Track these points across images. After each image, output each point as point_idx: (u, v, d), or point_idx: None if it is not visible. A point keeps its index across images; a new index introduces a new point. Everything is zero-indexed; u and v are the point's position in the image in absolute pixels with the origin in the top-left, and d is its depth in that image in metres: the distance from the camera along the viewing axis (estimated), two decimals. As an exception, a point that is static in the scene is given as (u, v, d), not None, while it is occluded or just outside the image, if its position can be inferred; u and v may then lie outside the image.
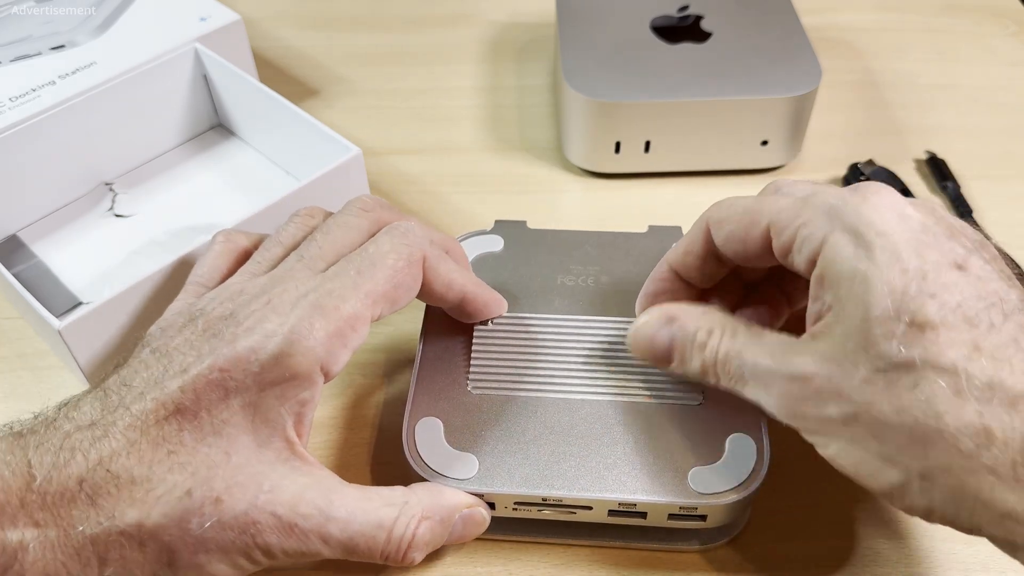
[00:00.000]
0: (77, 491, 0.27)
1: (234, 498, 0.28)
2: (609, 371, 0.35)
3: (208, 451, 0.28)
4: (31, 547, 0.26)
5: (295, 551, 0.28)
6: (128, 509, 0.27)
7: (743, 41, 0.51)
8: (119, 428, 0.28)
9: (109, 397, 0.29)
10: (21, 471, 0.27)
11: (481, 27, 0.63)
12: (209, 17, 0.51)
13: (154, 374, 0.29)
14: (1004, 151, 0.53)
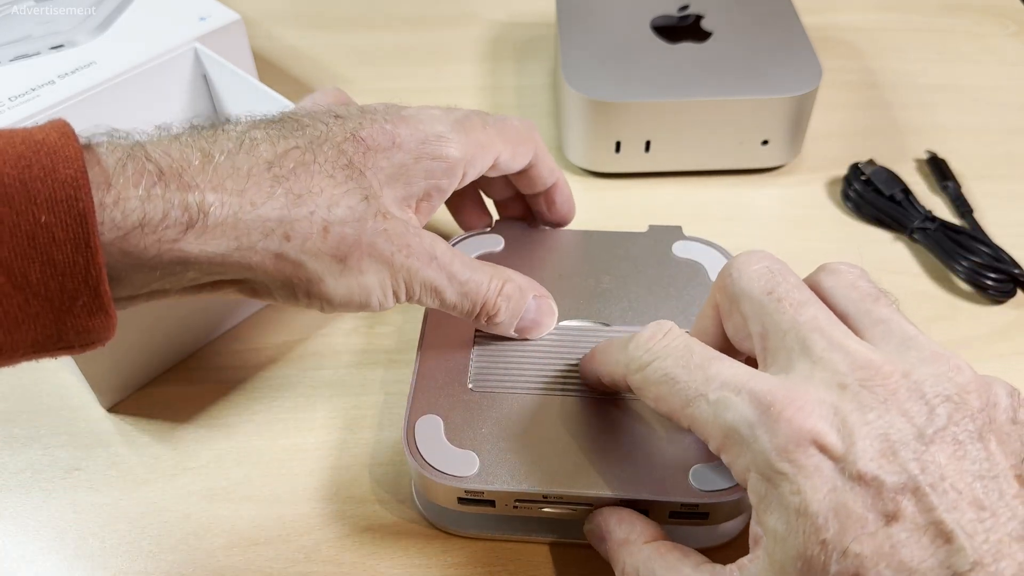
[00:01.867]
0: (264, 171, 0.28)
1: (394, 221, 0.31)
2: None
3: (371, 178, 0.31)
4: (213, 210, 0.27)
5: (429, 284, 0.32)
6: (320, 195, 0.29)
7: (743, 41, 0.51)
8: (304, 134, 0.30)
9: (280, 119, 0.31)
10: (198, 148, 0.28)
11: (481, 27, 0.63)
12: (209, 17, 0.51)
13: (326, 117, 0.31)
14: (1005, 151, 0.53)
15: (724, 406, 0.26)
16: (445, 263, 0.32)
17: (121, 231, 0.25)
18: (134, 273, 0.27)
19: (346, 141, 0.31)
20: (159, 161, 0.27)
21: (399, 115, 0.32)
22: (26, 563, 0.35)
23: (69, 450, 0.38)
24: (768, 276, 0.28)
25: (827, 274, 0.29)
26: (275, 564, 0.35)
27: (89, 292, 0.25)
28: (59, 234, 0.24)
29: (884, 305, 0.28)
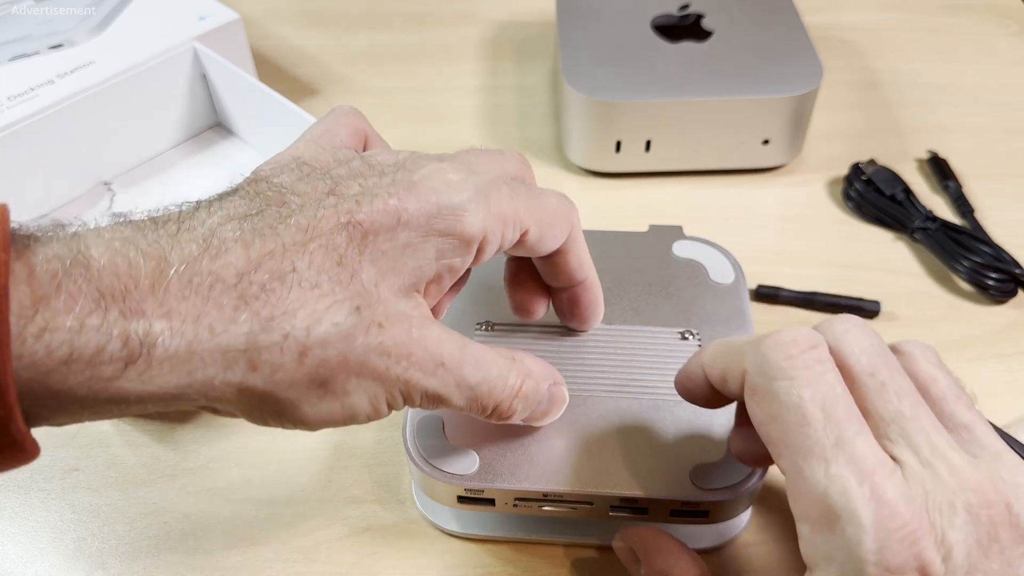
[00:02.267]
0: (231, 287, 0.24)
1: (393, 327, 0.26)
2: (610, 367, 0.35)
3: (367, 275, 0.26)
4: (160, 341, 0.23)
5: (433, 393, 0.27)
6: (297, 313, 0.24)
7: (744, 40, 0.50)
8: (287, 227, 0.25)
9: (262, 195, 0.26)
10: (153, 255, 0.23)
11: (481, 26, 0.63)
12: (208, 16, 0.51)
13: (319, 188, 0.27)
14: (1006, 150, 0.53)
15: (840, 488, 0.23)
16: (453, 367, 0.27)
17: (42, 369, 0.21)
18: (59, 411, 0.23)
19: (337, 230, 0.26)
20: (101, 278, 0.22)
21: (409, 181, 0.27)
22: (25, 564, 0.35)
23: (68, 450, 0.38)
24: (872, 355, 0.26)
25: (904, 357, 0.27)
26: (274, 565, 0.35)
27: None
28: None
29: (966, 405, 0.27)
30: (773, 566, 0.34)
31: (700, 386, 0.29)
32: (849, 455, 0.24)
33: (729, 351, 0.28)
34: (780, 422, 0.25)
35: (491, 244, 0.29)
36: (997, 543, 0.23)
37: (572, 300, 0.34)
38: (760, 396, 0.26)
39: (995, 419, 0.38)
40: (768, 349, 0.25)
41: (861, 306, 0.43)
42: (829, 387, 0.25)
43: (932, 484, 0.24)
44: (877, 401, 0.25)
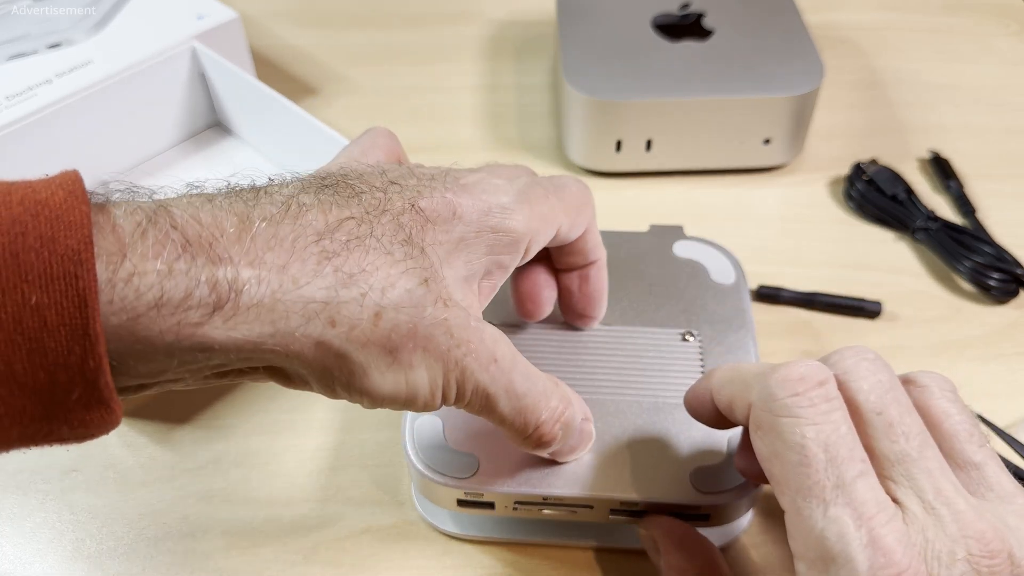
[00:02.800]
0: (312, 243, 0.24)
1: (455, 309, 0.26)
2: (609, 370, 0.35)
3: (432, 256, 0.27)
4: (247, 288, 0.23)
5: (484, 390, 0.27)
6: (374, 274, 0.25)
7: (745, 39, 0.50)
8: (359, 202, 0.26)
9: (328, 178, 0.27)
10: (235, 212, 0.24)
11: (481, 25, 0.63)
12: (207, 15, 0.50)
13: (379, 179, 0.28)
14: (1007, 150, 0.52)
15: (838, 531, 0.23)
16: (505, 369, 0.27)
17: (132, 313, 0.22)
18: (144, 361, 0.23)
19: (405, 212, 0.27)
20: (186, 228, 0.23)
21: (459, 183, 0.29)
22: (23, 565, 0.35)
23: (66, 451, 0.38)
24: (880, 391, 0.26)
25: (918, 390, 0.27)
26: (273, 566, 0.35)
27: (86, 386, 0.21)
28: (52, 318, 0.20)
29: (978, 443, 0.26)
30: (775, 567, 0.34)
31: (708, 410, 0.29)
32: (849, 498, 0.24)
33: (737, 381, 0.28)
34: (782, 460, 0.25)
35: (536, 243, 0.30)
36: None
37: (583, 280, 0.35)
38: (764, 431, 0.25)
39: (996, 420, 0.38)
40: (775, 385, 0.25)
41: (862, 306, 0.43)
42: (834, 427, 0.24)
43: (933, 531, 0.24)
44: (883, 441, 0.25)
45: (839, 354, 0.27)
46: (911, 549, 0.23)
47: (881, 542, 0.23)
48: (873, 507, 0.24)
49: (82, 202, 0.21)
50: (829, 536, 0.23)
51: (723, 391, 0.28)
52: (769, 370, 0.26)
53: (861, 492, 0.24)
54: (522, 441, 0.29)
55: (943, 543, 0.23)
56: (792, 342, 0.42)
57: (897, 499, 0.24)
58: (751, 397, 0.26)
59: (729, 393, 0.28)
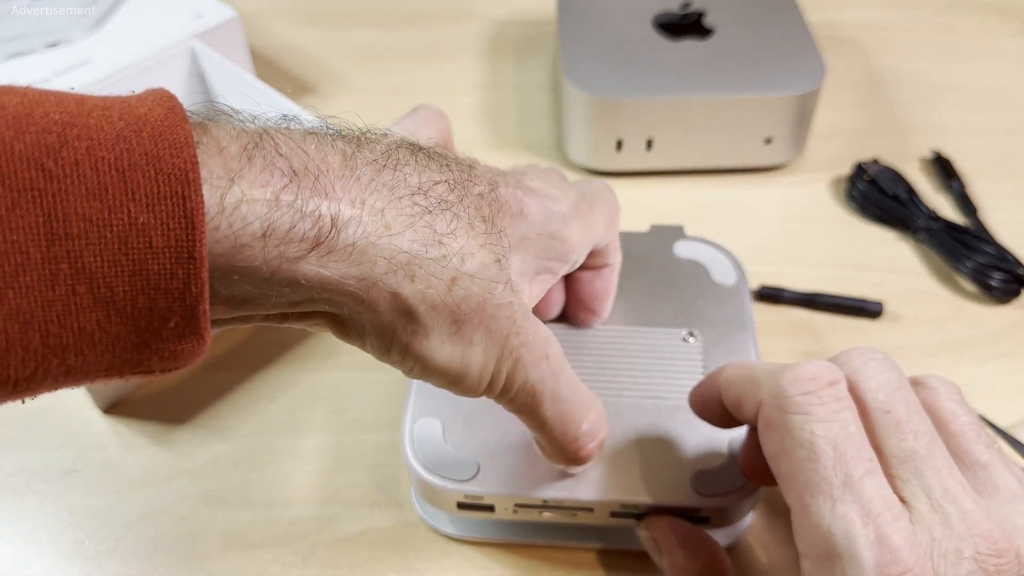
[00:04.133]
0: (408, 195, 0.24)
1: (520, 297, 0.26)
2: (611, 369, 0.35)
3: (498, 244, 0.26)
4: (347, 226, 0.22)
5: (530, 386, 0.27)
6: (457, 240, 0.24)
7: (746, 38, 0.50)
8: (450, 171, 0.26)
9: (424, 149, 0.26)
10: (339, 150, 0.24)
11: (480, 24, 0.62)
12: (206, 14, 0.50)
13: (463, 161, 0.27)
14: (1009, 150, 0.52)
15: (844, 528, 0.23)
16: (555, 368, 0.27)
17: (237, 242, 0.21)
18: (235, 289, 0.22)
19: (485, 196, 0.27)
20: (291, 157, 0.22)
21: (525, 184, 0.29)
22: (21, 566, 0.35)
23: (64, 452, 0.38)
24: (889, 390, 0.26)
25: (926, 391, 0.27)
26: (272, 567, 0.34)
27: (184, 313, 0.20)
28: (158, 240, 0.19)
29: (985, 444, 0.26)
30: (779, 566, 0.34)
31: (714, 407, 0.29)
32: (856, 495, 0.24)
33: (747, 378, 0.28)
34: (791, 457, 0.25)
35: (582, 254, 0.30)
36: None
37: (597, 279, 0.35)
38: (774, 428, 0.25)
39: (998, 420, 0.38)
40: (787, 382, 0.25)
41: (864, 306, 0.43)
42: (843, 426, 0.25)
43: (940, 530, 0.23)
44: (891, 439, 0.25)
45: (848, 354, 0.27)
46: (917, 547, 0.23)
47: (888, 540, 0.23)
48: (880, 505, 0.24)
49: (183, 120, 0.20)
50: (835, 533, 0.23)
51: (731, 388, 0.28)
52: (781, 368, 0.26)
53: (869, 490, 0.24)
54: (557, 451, 0.29)
55: (950, 542, 0.23)
56: (793, 342, 0.42)
57: (905, 498, 0.24)
58: (761, 394, 0.26)
59: (738, 391, 0.28)
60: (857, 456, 0.24)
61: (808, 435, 0.24)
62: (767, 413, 0.26)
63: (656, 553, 0.31)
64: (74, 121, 0.19)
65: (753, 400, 0.27)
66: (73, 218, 0.19)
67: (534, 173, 0.31)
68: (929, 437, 0.25)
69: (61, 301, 0.19)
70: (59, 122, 0.19)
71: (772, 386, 0.26)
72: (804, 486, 0.24)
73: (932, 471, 0.24)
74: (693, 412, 0.31)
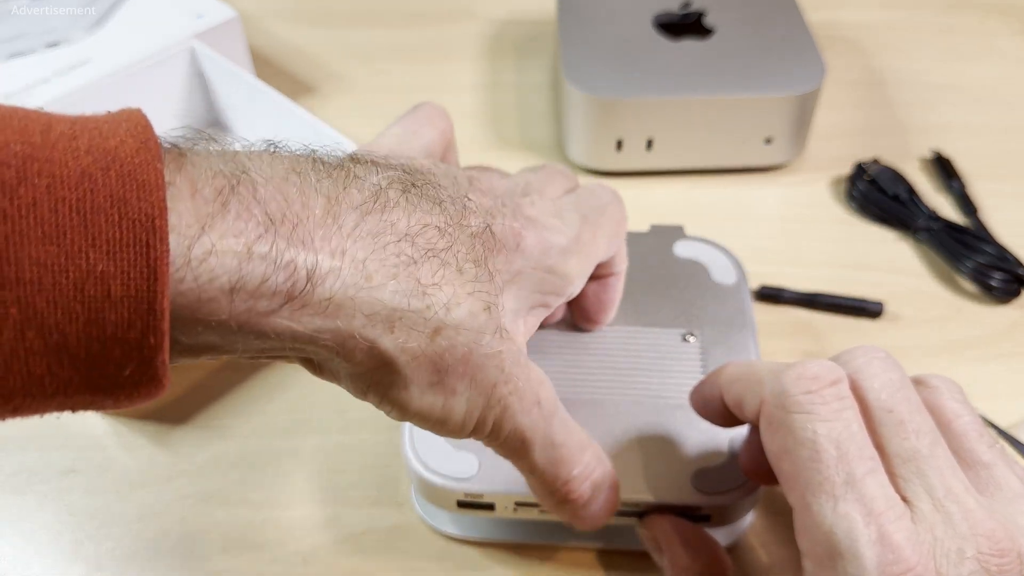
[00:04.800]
0: (394, 243, 0.23)
1: (509, 344, 0.25)
2: (610, 371, 0.35)
3: (496, 284, 0.26)
4: (325, 279, 0.21)
5: (519, 433, 0.26)
6: (443, 289, 0.23)
7: (747, 38, 0.50)
8: (442, 210, 0.25)
9: (411, 171, 0.25)
10: (323, 191, 0.22)
11: (480, 24, 0.62)
12: (206, 14, 0.50)
13: (458, 186, 0.27)
14: (1010, 150, 0.52)
15: (847, 527, 0.23)
16: (547, 414, 0.27)
17: (202, 296, 0.20)
18: (198, 340, 0.21)
19: (479, 234, 0.25)
20: (269, 203, 0.21)
21: (524, 214, 0.28)
22: (21, 566, 0.35)
23: (64, 452, 0.38)
24: (891, 389, 0.26)
25: (928, 391, 0.27)
26: (272, 568, 0.34)
27: (141, 363, 0.19)
28: (116, 289, 0.18)
29: (987, 444, 0.26)
30: (780, 566, 0.34)
31: (716, 406, 0.29)
32: (859, 494, 0.24)
33: (748, 377, 0.28)
34: (793, 456, 0.25)
35: (579, 287, 0.29)
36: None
37: (602, 289, 0.34)
38: (776, 428, 0.25)
39: (998, 420, 0.38)
40: (789, 382, 0.25)
41: (864, 306, 0.43)
42: (845, 425, 0.25)
43: (943, 529, 0.23)
44: (894, 439, 0.25)
45: (850, 353, 0.27)
46: (920, 547, 0.23)
47: (890, 539, 0.23)
48: (883, 504, 0.24)
49: (155, 157, 0.19)
50: (838, 532, 0.23)
51: (733, 387, 0.28)
52: (783, 368, 0.26)
53: (871, 489, 0.24)
54: (547, 495, 0.28)
55: (952, 541, 0.23)
56: (793, 342, 0.42)
57: (907, 497, 0.24)
58: (763, 394, 0.26)
59: (739, 390, 0.28)
60: (859, 455, 0.24)
61: (810, 434, 0.24)
62: (769, 412, 0.26)
63: (657, 552, 0.31)
64: (36, 154, 0.18)
65: (755, 399, 0.27)
66: (26, 262, 0.18)
67: (537, 191, 0.30)
68: (931, 436, 0.25)
69: (8, 346, 0.18)
70: (19, 155, 0.18)
71: (774, 385, 0.26)
72: (806, 485, 0.24)
73: (934, 470, 0.24)
74: (694, 411, 0.31)
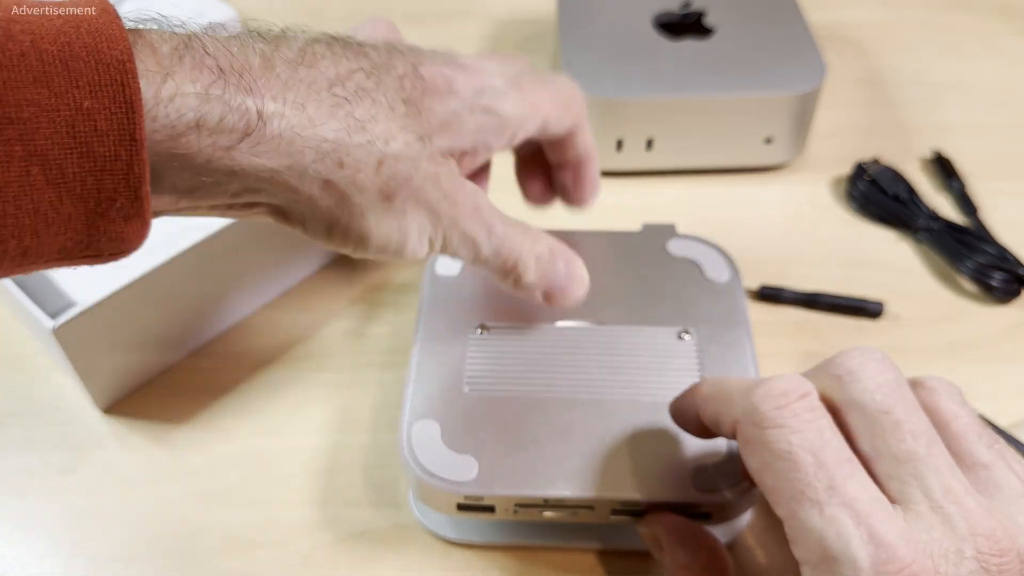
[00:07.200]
0: (325, 88, 0.26)
1: (443, 167, 0.29)
2: (608, 369, 0.35)
3: (427, 119, 0.29)
4: (272, 119, 0.25)
5: (470, 236, 0.30)
6: (379, 125, 0.27)
7: (747, 37, 0.50)
8: (367, 58, 0.28)
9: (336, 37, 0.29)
10: (258, 51, 0.26)
11: (480, 23, 0.62)
12: (206, 13, 0.50)
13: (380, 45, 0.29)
14: (1011, 150, 0.52)
15: (837, 531, 0.23)
16: (486, 216, 0.31)
17: (173, 130, 0.23)
18: (177, 178, 0.24)
19: (406, 76, 0.29)
20: (218, 57, 0.24)
21: (456, 62, 0.31)
22: (20, 566, 0.35)
23: (64, 452, 0.38)
24: (887, 391, 0.26)
25: (926, 392, 0.27)
26: (271, 568, 0.34)
27: (129, 193, 0.22)
28: (102, 123, 0.21)
29: (986, 444, 0.26)
30: (775, 566, 0.34)
31: (694, 423, 0.30)
32: (843, 497, 0.24)
33: (721, 396, 0.28)
34: (772, 469, 0.25)
35: (522, 130, 0.32)
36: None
37: (576, 175, 0.37)
38: (752, 445, 0.26)
39: (999, 420, 0.38)
40: (758, 399, 0.26)
41: (864, 306, 0.43)
42: (818, 433, 0.25)
43: (941, 530, 0.23)
44: (890, 440, 0.25)
45: (846, 354, 0.27)
46: (914, 545, 0.23)
47: (882, 538, 0.23)
48: (869, 505, 0.24)
49: (116, 18, 0.22)
50: (828, 536, 0.23)
51: (708, 407, 0.29)
52: (752, 386, 0.26)
53: (854, 491, 0.24)
54: (502, 280, 0.33)
55: (951, 541, 0.23)
56: (794, 342, 0.42)
57: (904, 498, 0.24)
58: (736, 414, 0.27)
59: (714, 409, 0.28)
60: (837, 460, 0.24)
61: (785, 446, 0.25)
62: (744, 431, 0.26)
63: (657, 550, 0.31)
64: (15, 18, 0.21)
65: (729, 419, 0.27)
66: (23, 104, 0.20)
67: (481, 53, 0.33)
68: (928, 437, 0.25)
69: (16, 183, 0.21)
70: (2, 19, 0.21)
71: (745, 404, 0.26)
72: (791, 496, 0.24)
73: (932, 471, 0.24)
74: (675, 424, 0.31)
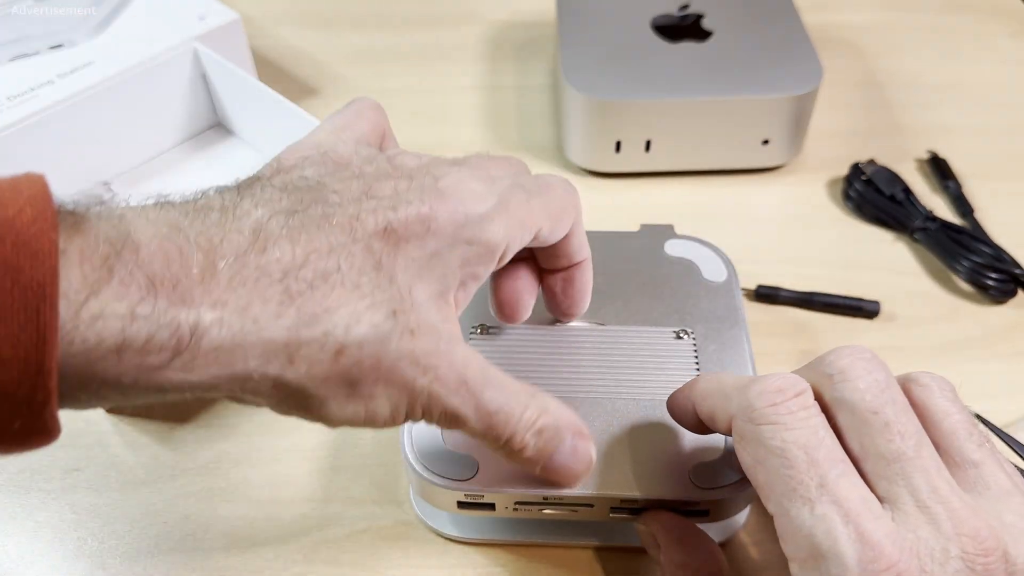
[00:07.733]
0: (276, 282, 0.24)
1: (424, 337, 0.26)
2: (606, 369, 0.35)
3: (402, 281, 0.26)
4: (209, 331, 0.22)
5: (452, 413, 0.27)
6: (339, 311, 0.24)
7: (744, 40, 0.50)
8: (330, 225, 0.25)
9: (300, 189, 0.26)
10: (202, 245, 0.23)
11: (481, 26, 0.63)
12: (208, 16, 0.51)
13: (353, 188, 0.27)
14: (1006, 150, 0.53)
15: (826, 529, 0.24)
16: (475, 389, 0.27)
17: (92, 355, 0.21)
18: (95, 396, 0.22)
19: (376, 236, 0.26)
20: (151, 264, 0.22)
21: (435, 189, 0.27)
22: (25, 564, 0.35)
23: (68, 450, 0.38)
24: (876, 391, 0.26)
25: (919, 388, 0.27)
26: (274, 565, 0.35)
27: (30, 416, 0.21)
28: (6, 351, 0.20)
29: (976, 443, 0.26)
30: (769, 565, 0.34)
31: (690, 418, 0.30)
32: (834, 496, 0.24)
33: (718, 393, 0.28)
34: (766, 466, 0.25)
35: (511, 249, 0.29)
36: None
37: (567, 281, 0.34)
38: (747, 441, 0.26)
39: (995, 419, 0.38)
40: (753, 396, 0.26)
41: (861, 306, 0.43)
42: (812, 431, 0.25)
43: (927, 529, 0.24)
44: (879, 440, 0.25)
45: (836, 353, 0.27)
46: (901, 544, 0.23)
47: (870, 537, 0.23)
48: (859, 504, 0.24)
49: (51, 227, 0.21)
50: (817, 534, 0.24)
51: (704, 403, 0.29)
52: (748, 383, 0.26)
53: (845, 490, 0.24)
54: (496, 451, 0.29)
55: (937, 541, 0.24)
56: (790, 342, 0.42)
57: (891, 498, 0.25)
58: (732, 410, 0.27)
59: (710, 405, 0.29)
60: (829, 458, 0.25)
61: (779, 443, 0.25)
62: (739, 427, 0.26)
63: (653, 548, 0.32)
64: None
65: (725, 415, 0.28)
66: None
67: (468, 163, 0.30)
68: (917, 438, 0.25)
69: None
70: None
71: (740, 401, 0.26)
72: (782, 492, 0.25)
73: (920, 471, 0.25)
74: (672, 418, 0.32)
